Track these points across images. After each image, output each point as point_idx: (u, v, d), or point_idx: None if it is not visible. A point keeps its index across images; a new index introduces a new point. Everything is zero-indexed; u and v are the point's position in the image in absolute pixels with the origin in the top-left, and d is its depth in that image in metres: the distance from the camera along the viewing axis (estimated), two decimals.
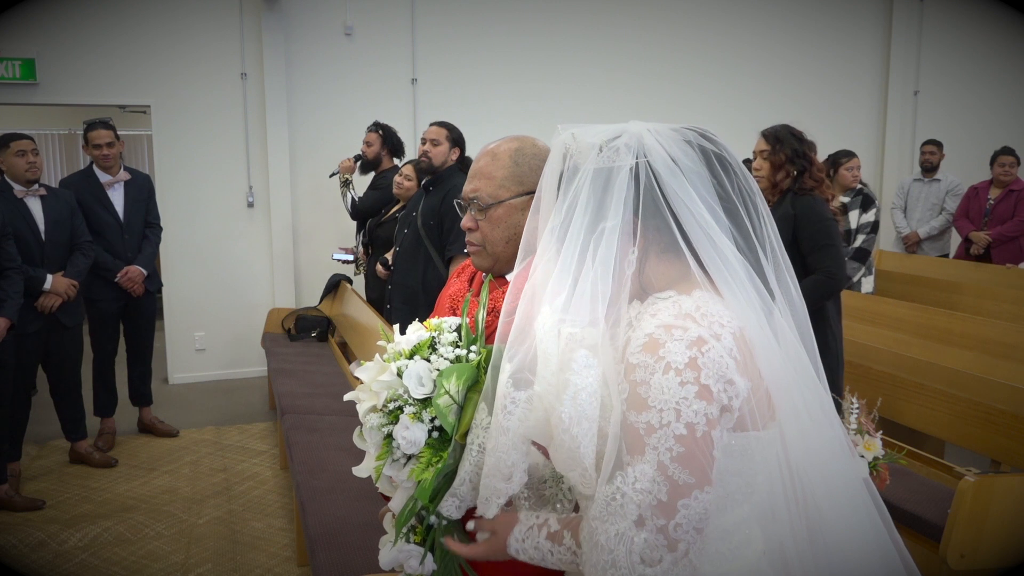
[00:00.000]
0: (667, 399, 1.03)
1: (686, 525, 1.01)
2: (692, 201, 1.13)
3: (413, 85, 6.58)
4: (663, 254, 1.15)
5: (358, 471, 1.38)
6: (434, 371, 1.31)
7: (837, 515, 1.13)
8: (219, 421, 5.38)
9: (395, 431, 1.29)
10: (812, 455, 1.13)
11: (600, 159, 1.16)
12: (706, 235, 1.12)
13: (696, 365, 1.03)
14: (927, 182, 6.74)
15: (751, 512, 1.11)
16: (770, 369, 1.11)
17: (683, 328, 1.06)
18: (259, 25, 6.12)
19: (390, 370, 1.32)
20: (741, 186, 1.18)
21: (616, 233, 1.13)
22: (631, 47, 7.07)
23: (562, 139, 1.23)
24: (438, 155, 4.06)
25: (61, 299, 4.17)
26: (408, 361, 1.32)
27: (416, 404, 1.29)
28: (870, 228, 5.19)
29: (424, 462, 1.27)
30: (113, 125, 4.87)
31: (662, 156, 1.15)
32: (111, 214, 4.75)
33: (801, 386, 1.14)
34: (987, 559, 2.60)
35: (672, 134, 1.18)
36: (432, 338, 1.36)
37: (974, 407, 3.21)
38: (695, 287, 1.13)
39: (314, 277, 6.35)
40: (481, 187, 1.57)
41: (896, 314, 4.67)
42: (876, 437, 2.42)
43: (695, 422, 1.02)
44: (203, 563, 3.47)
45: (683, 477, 1.01)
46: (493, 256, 1.58)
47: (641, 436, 1.03)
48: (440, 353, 1.33)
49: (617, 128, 1.20)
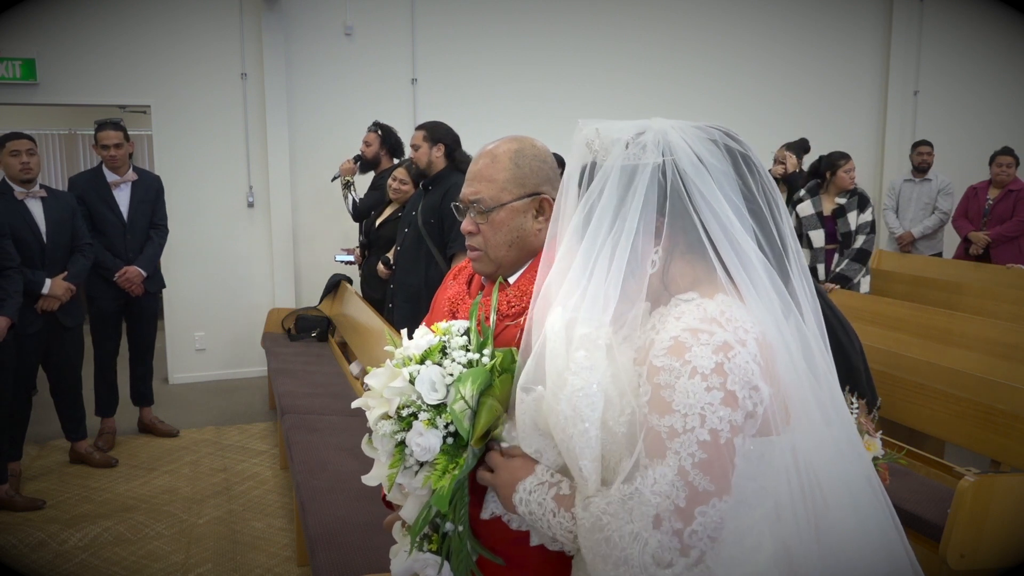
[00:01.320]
0: (692, 404, 1.02)
1: (701, 532, 1.01)
2: (718, 202, 1.11)
3: (413, 85, 6.58)
4: (687, 254, 1.14)
5: (368, 479, 1.36)
6: (447, 376, 1.29)
7: (845, 516, 1.12)
8: (219, 421, 5.38)
9: (408, 438, 1.26)
10: (823, 458, 1.12)
11: (626, 156, 1.14)
12: (731, 237, 1.10)
13: (723, 371, 1.02)
14: (918, 182, 6.74)
15: (763, 516, 1.10)
16: (787, 373, 1.10)
17: (709, 332, 1.05)
18: (259, 25, 6.12)
19: (402, 376, 1.29)
20: (765, 188, 1.16)
21: (638, 232, 1.11)
22: (631, 47, 7.07)
23: (584, 134, 1.20)
24: (421, 158, 4.15)
25: (60, 302, 4.17)
26: (419, 367, 1.29)
27: (430, 410, 1.26)
28: (869, 228, 5.20)
29: (440, 469, 1.25)
30: (123, 126, 4.88)
31: (688, 155, 1.13)
32: (115, 213, 4.76)
33: (816, 389, 1.13)
34: (987, 559, 2.60)
35: (697, 132, 1.16)
36: (442, 342, 1.33)
37: (974, 407, 3.21)
38: (718, 290, 1.11)
39: (314, 277, 6.35)
40: (482, 190, 1.53)
41: (896, 314, 4.67)
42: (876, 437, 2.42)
43: (719, 428, 1.01)
44: (203, 563, 3.47)
45: (703, 484, 1.00)
46: (496, 261, 1.55)
47: (663, 439, 1.02)
48: (452, 358, 1.31)
49: (641, 124, 1.18)
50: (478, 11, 6.70)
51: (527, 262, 1.57)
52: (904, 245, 6.75)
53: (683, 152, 1.13)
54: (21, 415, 4.18)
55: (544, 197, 1.54)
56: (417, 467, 1.28)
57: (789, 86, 7.53)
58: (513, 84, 6.77)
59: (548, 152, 1.60)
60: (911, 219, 6.76)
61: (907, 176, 6.87)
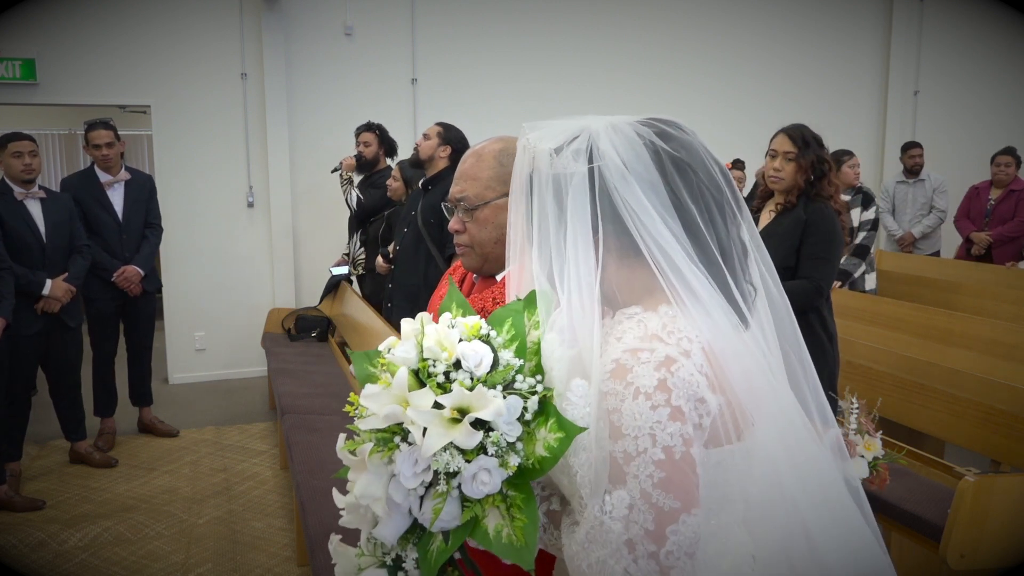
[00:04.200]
0: (640, 425, 0.99)
1: (677, 552, 0.99)
2: (646, 211, 1.08)
3: (413, 85, 6.58)
4: (622, 260, 1.10)
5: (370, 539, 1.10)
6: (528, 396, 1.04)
7: (816, 518, 1.11)
8: (219, 421, 5.38)
9: (466, 474, 1.00)
10: (792, 461, 1.10)
11: (555, 165, 1.11)
12: (660, 247, 1.07)
13: (666, 387, 1.00)
14: (912, 183, 6.72)
15: (728, 521, 1.09)
16: (742, 378, 1.08)
17: (650, 350, 1.03)
18: (259, 25, 6.12)
19: (494, 404, 1.01)
20: (701, 193, 1.11)
21: (580, 245, 1.08)
22: (631, 47, 7.07)
23: (524, 143, 1.16)
24: (425, 148, 4.14)
25: (60, 303, 4.17)
26: (495, 390, 1.02)
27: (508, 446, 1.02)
28: (870, 225, 5.24)
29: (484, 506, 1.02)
30: (114, 125, 4.88)
31: (615, 161, 1.09)
32: (110, 214, 4.76)
33: (779, 393, 1.11)
34: (987, 559, 2.60)
35: (630, 133, 1.11)
36: (487, 338, 1.08)
37: (974, 407, 3.21)
38: (661, 302, 1.09)
39: (314, 277, 6.35)
40: (467, 188, 1.58)
41: (896, 314, 4.67)
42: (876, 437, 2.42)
43: (672, 445, 0.99)
44: (203, 563, 3.47)
45: (667, 503, 0.99)
46: (482, 256, 1.59)
47: (620, 465, 1.01)
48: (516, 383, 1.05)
49: (576, 127, 1.14)
50: (478, 11, 6.70)
51: None
52: (905, 246, 6.75)
53: (610, 158, 1.09)
54: (21, 415, 4.18)
55: None
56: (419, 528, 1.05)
57: (789, 86, 7.53)
58: (513, 84, 6.77)
59: None
60: (910, 220, 6.75)
61: (899, 178, 6.84)
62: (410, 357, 1.06)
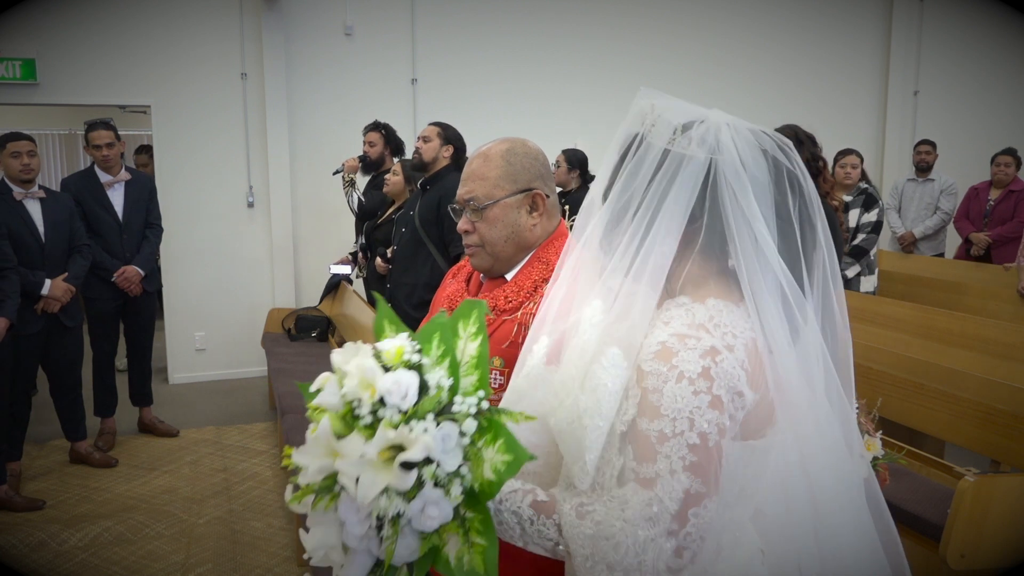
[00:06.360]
0: (680, 408, 1.02)
1: (695, 534, 1.02)
2: (751, 211, 1.10)
3: (413, 85, 6.58)
4: (698, 252, 1.13)
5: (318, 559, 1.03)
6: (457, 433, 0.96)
7: (838, 518, 1.12)
8: (219, 421, 5.38)
9: (411, 509, 0.95)
10: (817, 464, 1.12)
11: (673, 141, 1.13)
12: (754, 248, 1.09)
13: (709, 375, 1.03)
14: (921, 182, 6.73)
15: (741, 514, 1.11)
16: (781, 379, 1.10)
17: (696, 338, 1.06)
18: (259, 25, 6.12)
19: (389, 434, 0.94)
20: (803, 208, 1.14)
21: (666, 227, 1.10)
22: (631, 47, 7.07)
23: (640, 105, 1.18)
24: (428, 151, 4.12)
25: (60, 303, 4.17)
26: (426, 422, 0.95)
27: (450, 474, 0.96)
28: (871, 228, 5.16)
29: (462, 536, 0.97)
30: (114, 126, 4.88)
31: (733, 159, 1.11)
32: (110, 214, 4.76)
33: (812, 401, 1.12)
34: (987, 559, 2.60)
35: (750, 137, 1.14)
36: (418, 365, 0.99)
37: (974, 407, 3.20)
38: (710, 295, 1.11)
39: (314, 277, 6.35)
40: (475, 188, 1.58)
41: (897, 314, 4.66)
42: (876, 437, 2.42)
43: (708, 431, 1.02)
44: (203, 563, 3.47)
45: (695, 486, 1.02)
46: (493, 256, 1.59)
47: (653, 443, 1.03)
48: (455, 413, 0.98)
49: (699, 113, 1.16)
50: (478, 11, 6.70)
51: (523, 258, 1.59)
52: (906, 245, 6.74)
53: (729, 154, 1.11)
54: (21, 415, 4.18)
55: (537, 192, 1.58)
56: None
57: (789, 86, 7.53)
58: (513, 84, 6.76)
59: (540, 151, 1.64)
60: (912, 219, 6.75)
61: (911, 176, 6.86)
62: (333, 402, 1.00)
